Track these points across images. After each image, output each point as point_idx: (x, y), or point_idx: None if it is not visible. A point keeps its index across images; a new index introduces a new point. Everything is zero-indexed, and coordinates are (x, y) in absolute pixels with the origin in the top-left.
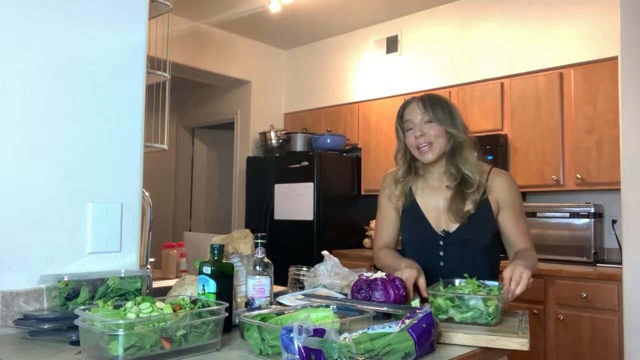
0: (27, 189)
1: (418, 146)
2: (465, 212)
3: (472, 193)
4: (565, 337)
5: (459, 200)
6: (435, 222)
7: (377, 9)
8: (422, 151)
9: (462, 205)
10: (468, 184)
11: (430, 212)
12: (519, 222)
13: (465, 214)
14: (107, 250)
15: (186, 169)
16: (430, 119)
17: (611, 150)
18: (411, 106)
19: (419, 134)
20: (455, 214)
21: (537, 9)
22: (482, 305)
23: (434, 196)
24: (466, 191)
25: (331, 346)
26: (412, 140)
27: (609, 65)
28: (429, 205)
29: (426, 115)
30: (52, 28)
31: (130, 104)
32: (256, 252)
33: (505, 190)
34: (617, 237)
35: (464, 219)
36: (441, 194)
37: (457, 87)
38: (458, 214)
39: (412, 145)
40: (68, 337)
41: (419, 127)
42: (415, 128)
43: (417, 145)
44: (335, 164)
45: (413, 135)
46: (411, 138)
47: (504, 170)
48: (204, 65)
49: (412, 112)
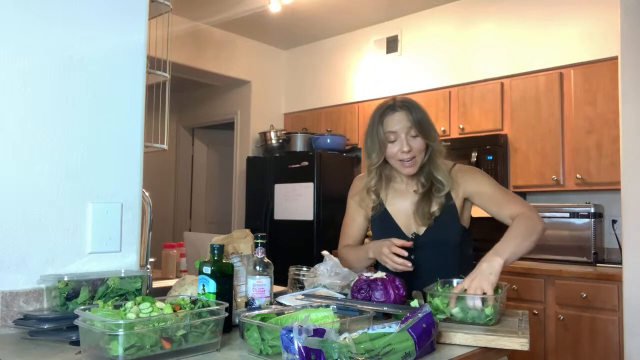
0: (27, 189)
1: (401, 159)
2: (430, 214)
3: (439, 196)
4: (565, 337)
5: (425, 204)
6: (405, 226)
7: (377, 9)
8: (405, 165)
9: (427, 208)
10: (438, 188)
11: (400, 216)
12: (495, 197)
13: (430, 216)
14: (107, 250)
15: (186, 169)
16: (417, 134)
17: (611, 150)
18: (397, 116)
19: (407, 149)
20: (422, 217)
21: (537, 9)
22: (476, 305)
23: (401, 200)
24: (435, 194)
25: (331, 346)
26: (396, 153)
27: (609, 65)
28: (398, 210)
29: (413, 130)
30: (52, 28)
31: (130, 104)
32: (256, 252)
33: (468, 180)
34: (617, 237)
35: (430, 222)
36: (408, 198)
37: (457, 87)
38: (424, 217)
39: (394, 157)
40: (68, 337)
41: (406, 141)
42: (403, 142)
43: (401, 158)
44: (335, 164)
45: (398, 148)
46: (395, 150)
47: (465, 165)
48: (204, 65)
49: (398, 123)
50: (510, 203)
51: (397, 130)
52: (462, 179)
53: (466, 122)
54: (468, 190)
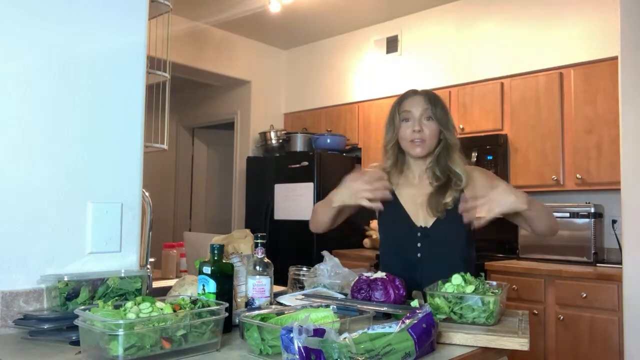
0: (27, 189)
1: (412, 139)
2: (443, 205)
3: (456, 190)
4: (565, 337)
5: (440, 195)
6: (413, 216)
7: (377, 9)
8: (414, 144)
9: (441, 199)
10: (456, 182)
11: (409, 205)
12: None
13: (443, 207)
14: (107, 250)
15: (186, 169)
16: (431, 116)
17: (611, 150)
18: (415, 98)
19: (418, 128)
20: (435, 209)
21: (537, 9)
22: (479, 304)
23: (412, 191)
24: (454, 188)
25: (331, 346)
26: (408, 132)
27: (609, 65)
28: (408, 199)
29: (428, 111)
30: (52, 28)
31: (130, 104)
32: (256, 252)
33: (482, 179)
34: (617, 237)
35: (443, 214)
36: (420, 190)
37: (457, 87)
38: (437, 209)
39: (405, 137)
40: (68, 337)
41: (418, 121)
42: (415, 121)
43: (412, 138)
44: (335, 164)
45: (410, 128)
46: (407, 130)
47: (477, 167)
48: (204, 65)
49: (414, 104)
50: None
51: (412, 110)
52: (479, 178)
53: (466, 122)
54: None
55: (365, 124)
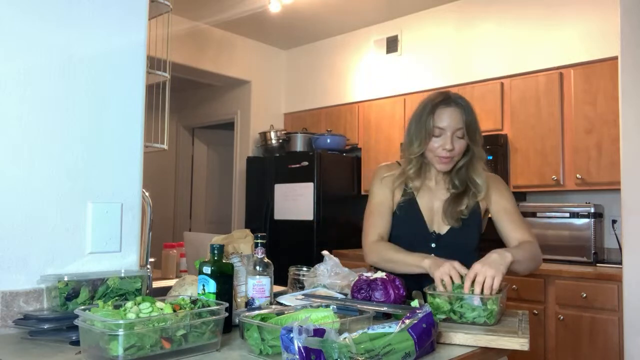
0: (27, 188)
1: (440, 156)
2: (459, 212)
3: (469, 198)
4: (565, 337)
5: (457, 204)
6: (428, 221)
7: (377, 9)
8: (442, 161)
9: (458, 207)
10: (474, 193)
11: (425, 211)
12: (513, 217)
13: (458, 215)
14: (107, 250)
15: (186, 169)
16: (463, 136)
17: (611, 150)
18: (449, 112)
19: (450, 147)
20: (450, 217)
21: (537, 9)
22: (477, 304)
23: (430, 197)
24: (471, 198)
25: (331, 346)
26: (438, 149)
27: (609, 65)
28: (425, 204)
29: (460, 132)
30: (52, 28)
31: (130, 104)
32: (256, 252)
33: (494, 189)
34: (617, 237)
35: (459, 222)
36: (437, 196)
37: (457, 87)
38: (453, 217)
39: (434, 151)
40: (68, 337)
41: (450, 140)
42: (447, 140)
43: (440, 155)
44: (335, 164)
45: (441, 146)
46: (436, 145)
47: (493, 174)
48: (204, 65)
49: (449, 120)
50: (523, 228)
51: (445, 127)
52: (491, 187)
53: None
54: (492, 199)
55: (365, 124)
